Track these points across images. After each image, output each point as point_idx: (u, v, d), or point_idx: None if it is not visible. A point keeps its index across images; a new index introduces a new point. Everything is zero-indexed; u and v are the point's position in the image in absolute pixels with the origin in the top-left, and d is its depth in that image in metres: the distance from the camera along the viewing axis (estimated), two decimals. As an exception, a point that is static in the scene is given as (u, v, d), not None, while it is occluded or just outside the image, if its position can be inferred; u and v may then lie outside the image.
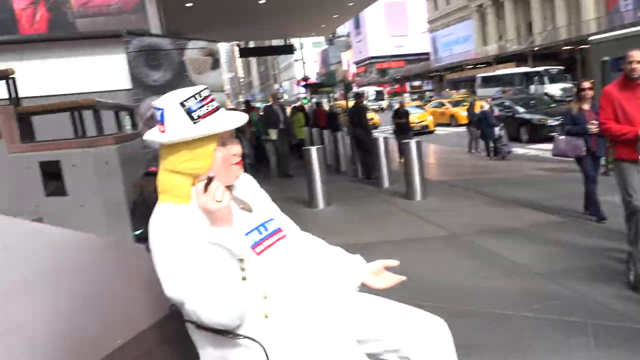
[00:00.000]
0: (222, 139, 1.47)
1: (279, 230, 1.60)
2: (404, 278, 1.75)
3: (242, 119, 1.50)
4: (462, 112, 19.66)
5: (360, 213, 6.83)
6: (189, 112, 1.43)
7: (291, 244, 1.63)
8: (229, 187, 1.55)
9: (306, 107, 21.03)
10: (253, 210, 1.58)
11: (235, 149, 1.52)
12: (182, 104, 1.42)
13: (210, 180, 1.35)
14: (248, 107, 14.83)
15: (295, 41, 28.78)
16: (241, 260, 1.34)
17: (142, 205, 3.87)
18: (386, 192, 8.23)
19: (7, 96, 5.09)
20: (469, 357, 2.79)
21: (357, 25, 65.92)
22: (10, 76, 5.12)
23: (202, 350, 1.50)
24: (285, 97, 70.80)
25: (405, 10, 63.39)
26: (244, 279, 1.34)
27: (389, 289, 1.73)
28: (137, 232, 3.96)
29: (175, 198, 1.45)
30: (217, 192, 1.34)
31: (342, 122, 14.05)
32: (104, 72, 6.88)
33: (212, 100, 1.47)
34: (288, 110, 15.46)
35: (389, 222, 6.25)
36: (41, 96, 6.26)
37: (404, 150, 7.77)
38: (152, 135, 1.49)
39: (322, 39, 75.14)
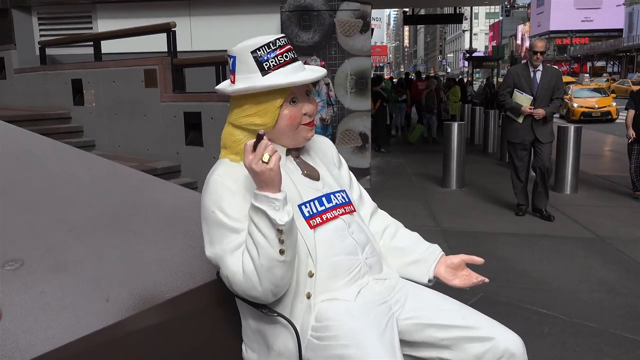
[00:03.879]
0: (292, 94, 1.35)
1: (346, 204, 1.45)
2: (486, 280, 1.51)
3: (317, 74, 1.37)
4: None
5: (494, 200, 6.31)
6: (260, 62, 1.32)
7: (358, 221, 1.46)
8: (298, 150, 1.46)
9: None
10: (321, 178, 1.45)
11: (307, 107, 1.38)
12: (253, 53, 1.33)
13: (260, 138, 1.21)
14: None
15: (467, 11, 27.31)
16: (280, 232, 1.21)
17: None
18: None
19: (166, 48, 5.57)
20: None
21: (541, -5, 60.38)
22: (172, 29, 5.56)
23: (243, 320, 1.46)
24: (448, 70, 68.15)
25: (602, -21, 56.27)
26: (281, 252, 1.23)
27: (474, 287, 1.53)
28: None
29: (233, 155, 1.39)
30: (265, 152, 1.20)
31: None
32: (258, 31, 7.15)
33: (288, 51, 1.35)
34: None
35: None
36: (196, 51, 6.76)
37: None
38: (221, 86, 1.43)
39: (497, 9, 70.33)
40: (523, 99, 5.15)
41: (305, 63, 1.52)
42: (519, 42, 65.67)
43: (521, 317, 3.10)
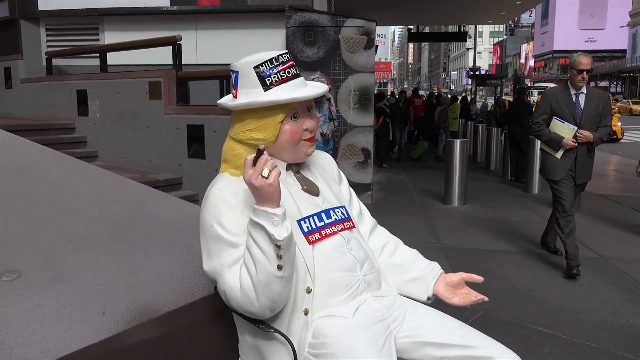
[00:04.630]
0: (294, 110, 1.36)
1: (346, 220, 1.45)
2: (485, 299, 1.50)
3: (319, 90, 1.37)
4: None
5: (496, 217, 6.29)
6: (263, 78, 1.33)
7: (357, 238, 1.46)
8: (298, 165, 1.46)
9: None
10: (321, 194, 1.45)
11: (309, 123, 1.38)
12: (256, 68, 1.33)
13: (260, 153, 1.21)
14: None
15: (472, 30, 27.49)
16: (278, 247, 1.21)
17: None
18: (534, 199, 7.50)
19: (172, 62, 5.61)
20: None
21: (545, 15, 60.83)
22: (178, 42, 5.61)
23: (240, 335, 1.45)
24: (452, 87, 68.52)
25: (607, 0, 56.63)
26: (280, 267, 1.22)
27: (474, 306, 1.51)
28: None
29: (233, 169, 1.39)
30: (265, 167, 1.20)
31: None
32: (264, 46, 7.20)
33: (290, 67, 1.35)
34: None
35: (526, 231, 5.67)
36: (202, 64, 6.80)
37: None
38: (224, 100, 1.43)
39: (502, 28, 70.84)
40: (565, 130, 4.11)
41: (312, 79, 1.53)
42: (522, 61, 66.03)
43: (522, 337, 3.07)
